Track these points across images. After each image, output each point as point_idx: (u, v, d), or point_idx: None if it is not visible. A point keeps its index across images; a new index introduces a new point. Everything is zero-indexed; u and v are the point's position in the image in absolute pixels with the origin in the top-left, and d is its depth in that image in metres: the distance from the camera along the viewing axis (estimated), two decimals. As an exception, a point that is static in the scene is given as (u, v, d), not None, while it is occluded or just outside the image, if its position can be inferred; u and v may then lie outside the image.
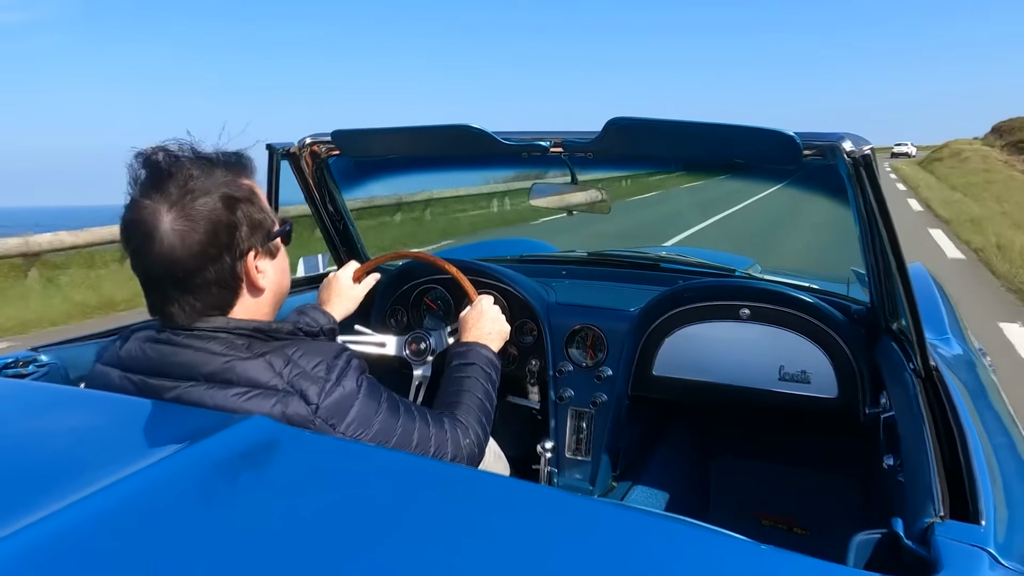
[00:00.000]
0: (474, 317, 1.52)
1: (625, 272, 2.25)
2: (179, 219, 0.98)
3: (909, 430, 1.16)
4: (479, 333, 1.48)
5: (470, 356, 1.39)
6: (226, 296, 1.05)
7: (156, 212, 0.98)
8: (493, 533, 0.66)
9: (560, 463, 1.89)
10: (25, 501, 0.64)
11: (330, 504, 0.69)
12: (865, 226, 1.34)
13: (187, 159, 1.02)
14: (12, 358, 1.29)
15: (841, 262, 2.02)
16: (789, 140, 1.24)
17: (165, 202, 0.98)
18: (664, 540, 0.67)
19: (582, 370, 1.90)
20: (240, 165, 1.08)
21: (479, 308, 1.55)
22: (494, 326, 1.52)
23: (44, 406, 0.93)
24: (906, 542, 0.77)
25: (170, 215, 0.98)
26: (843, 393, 1.69)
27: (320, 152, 1.82)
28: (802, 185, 1.81)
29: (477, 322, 1.51)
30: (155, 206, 0.98)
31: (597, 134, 1.42)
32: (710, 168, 2.26)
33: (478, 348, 1.42)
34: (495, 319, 1.53)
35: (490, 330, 1.49)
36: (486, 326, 1.50)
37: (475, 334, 1.47)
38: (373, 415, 1.06)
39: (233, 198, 1.03)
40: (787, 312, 1.74)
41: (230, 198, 1.02)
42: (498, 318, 1.54)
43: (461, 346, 1.43)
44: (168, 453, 0.73)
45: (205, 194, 1.00)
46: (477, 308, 1.55)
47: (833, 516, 1.89)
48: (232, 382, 0.99)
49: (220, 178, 1.03)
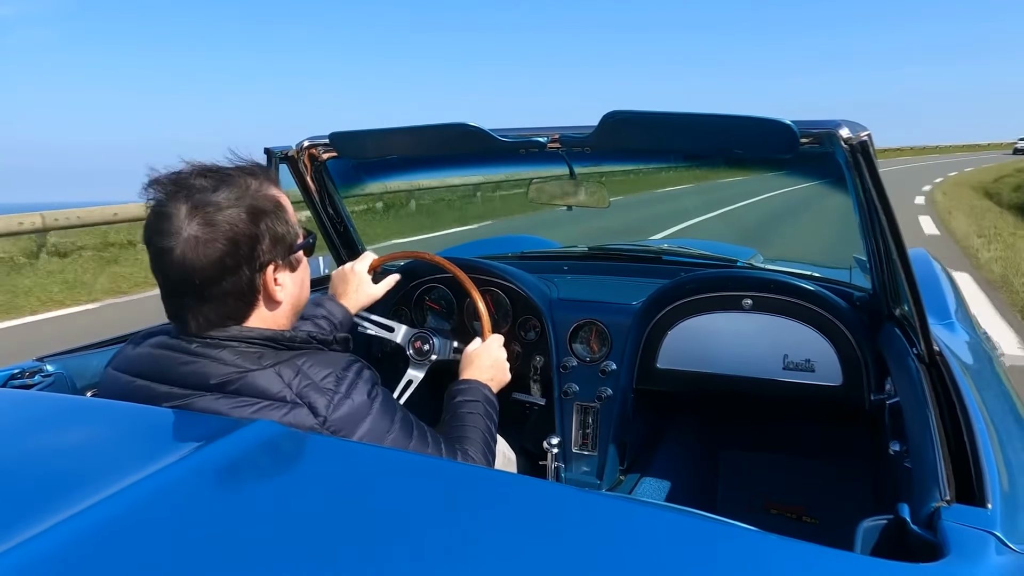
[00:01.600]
0: (481, 356, 1.51)
1: (627, 266, 2.25)
2: (201, 227, 0.98)
3: (914, 416, 1.16)
4: (482, 373, 1.46)
5: (474, 394, 1.38)
6: (242, 307, 1.04)
7: (179, 219, 0.98)
8: (503, 530, 0.66)
9: (567, 458, 1.89)
10: (34, 510, 0.64)
11: (339, 505, 0.69)
12: (865, 213, 1.33)
13: (215, 168, 1.03)
14: (18, 368, 1.30)
15: (842, 249, 2.01)
16: (786, 129, 1.24)
17: (189, 210, 0.98)
18: (673, 533, 0.67)
19: (586, 365, 1.90)
20: (268, 176, 1.07)
21: (488, 348, 1.53)
22: (497, 372, 1.51)
23: (51, 416, 0.94)
24: (912, 527, 0.77)
25: (193, 223, 0.98)
26: (848, 381, 1.69)
27: (318, 154, 1.82)
28: (801, 174, 1.81)
29: (483, 362, 1.49)
30: (179, 213, 0.98)
31: (594, 128, 1.42)
32: (708, 160, 2.26)
33: (481, 387, 1.40)
34: (500, 366, 1.52)
35: (492, 375, 1.48)
36: (489, 371, 1.48)
37: (478, 373, 1.46)
38: (385, 433, 1.05)
39: (258, 210, 1.02)
40: (790, 301, 1.74)
41: (255, 210, 1.02)
42: (503, 365, 1.53)
43: (464, 383, 1.41)
44: (174, 459, 0.73)
45: (230, 204, 1.00)
46: (487, 348, 1.53)
47: (842, 504, 1.89)
48: (241, 393, 0.98)
49: (247, 189, 1.02)
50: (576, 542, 0.64)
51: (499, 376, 1.51)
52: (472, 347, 1.54)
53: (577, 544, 0.64)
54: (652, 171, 7.60)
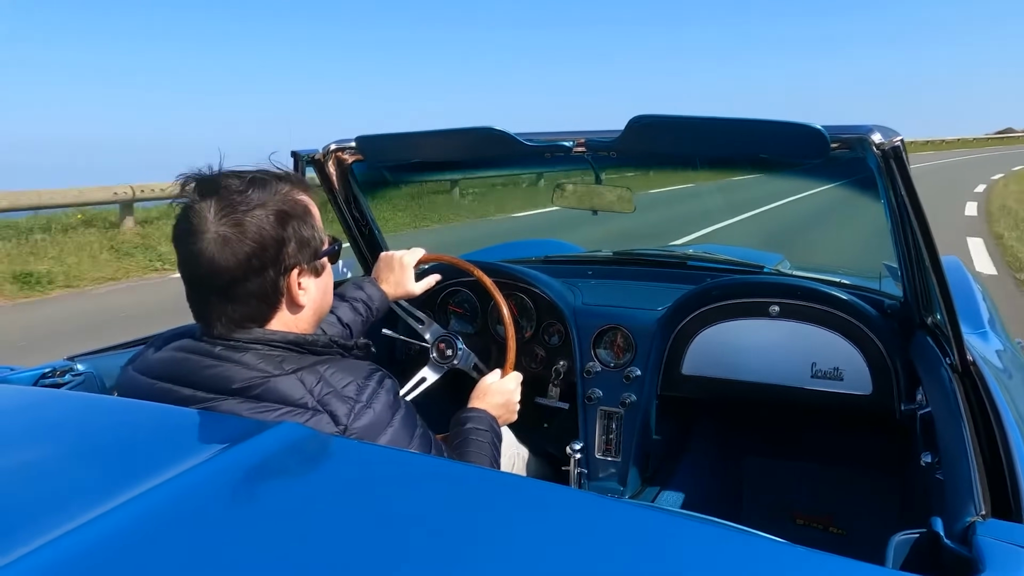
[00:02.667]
0: (496, 392, 1.51)
1: (652, 271, 2.24)
2: (230, 227, 0.99)
3: (947, 426, 1.14)
4: (494, 409, 1.46)
5: (484, 423, 1.38)
6: (265, 309, 1.05)
7: (207, 219, 0.99)
8: (526, 537, 0.65)
9: (590, 464, 1.88)
10: (64, 509, 0.65)
11: (363, 509, 0.69)
12: (896, 219, 1.31)
13: (245, 171, 1.04)
14: (49, 368, 1.31)
15: (872, 256, 1.98)
16: (816, 133, 1.23)
17: (218, 210, 0.99)
18: (698, 542, 0.66)
19: (610, 370, 1.89)
20: (298, 181, 1.08)
21: (505, 386, 1.53)
22: (506, 412, 1.51)
23: (80, 415, 0.95)
24: (946, 542, 0.75)
25: (221, 223, 0.99)
26: (877, 389, 1.66)
27: (344, 158, 1.83)
28: (830, 178, 1.79)
29: (496, 399, 1.49)
30: (207, 213, 0.99)
31: (620, 133, 1.41)
32: (736, 165, 2.24)
33: (490, 419, 1.40)
34: (511, 407, 1.52)
35: (501, 414, 1.48)
36: (500, 409, 1.48)
37: (490, 406, 1.46)
38: (405, 446, 1.05)
39: (286, 214, 1.03)
40: (818, 308, 1.71)
41: (283, 213, 1.02)
42: (514, 407, 1.53)
43: (475, 411, 1.41)
44: (202, 460, 0.74)
45: (259, 207, 1.00)
46: (503, 385, 1.53)
47: (870, 515, 1.86)
48: (263, 398, 0.98)
49: (276, 192, 1.03)
50: (599, 550, 0.64)
51: (506, 416, 1.51)
52: (491, 379, 1.54)
53: (600, 552, 0.63)
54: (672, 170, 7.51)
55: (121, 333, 1.74)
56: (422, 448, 1.08)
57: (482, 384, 1.52)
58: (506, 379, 1.55)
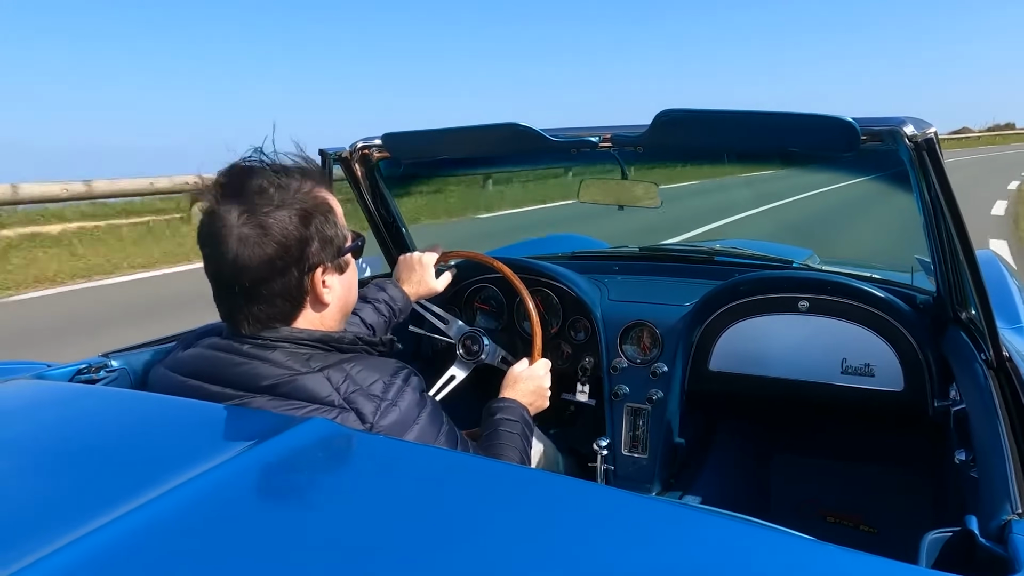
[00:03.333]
0: (526, 380, 1.50)
1: (679, 266, 2.22)
2: (252, 228, 0.99)
3: (982, 423, 1.12)
4: (524, 397, 1.46)
5: (514, 413, 1.37)
6: (290, 308, 1.05)
7: (231, 220, 0.99)
8: (555, 533, 0.65)
9: (616, 460, 1.87)
10: (99, 503, 0.66)
11: (393, 504, 0.70)
12: (929, 213, 1.29)
13: (267, 169, 1.04)
14: (85, 364, 1.34)
15: (904, 250, 1.95)
16: (847, 126, 1.21)
17: (241, 211, 1.00)
18: (727, 540, 0.65)
19: (637, 366, 1.88)
20: (320, 178, 1.08)
21: (534, 373, 1.53)
22: (538, 399, 1.50)
23: (115, 410, 0.96)
24: (981, 540, 0.74)
25: (244, 224, 0.99)
26: (910, 386, 1.64)
27: (370, 155, 1.84)
28: (860, 171, 1.76)
29: (527, 386, 1.49)
30: (231, 214, 1.00)
31: (646, 128, 1.40)
32: (764, 158, 2.22)
33: (521, 409, 1.40)
34: (542, 392, 1.52)
35: (532, 401, 1.48)
36: (530, 396, 1.48)
37: (520, 395, 1.46)
38: (431, 443, 1.05)
39: (308, 212, 1.03)
40: (848, 303, 1.69)
41: (305, 212, 1.03)
42: (545, 393, 1.53)
43: (505, 401, 1.41)
44: (234, 455, 0.75)
45: (281, 206, 1.01)
46: (533, 372, 1.53)
47: (902, 513, 1.83)
48: (290, 396, 0.99)
49: (298, 191, 1.03)
50: (627, 546, 0.63)
51: (538, 403, 1.51)
52: (519, 368, 1.54)
53: (628, 548, 0.63)
54: (699, 164, 7.45)
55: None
56: (448, 445, 1.08)
57: (512, 373, 1.53)
58: (535, 366, 1.56)
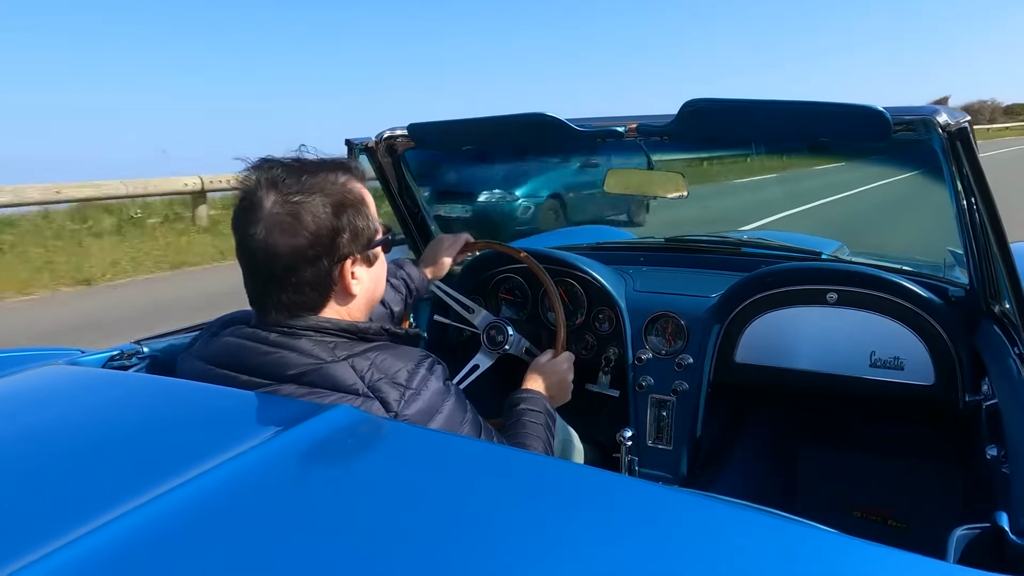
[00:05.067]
0: (549, 372, 1.51)
1: (704, 257, 2.21)
2: (286, 217, 1.01)
3: (1015, 418, 1.10)
4: (546, 389, 1.46)
5: (538, 404, 1.38)
6: (317, 298, 1.06)
7: (264, 208, 1.01)
8: (578, 523, 0.66)
9: (641, 452, 1.87)
10: (133, 486, 0.68)
11: (419, 491, 0.70)
12: (963, 204, 1.27)
13: (301, 161, 1.06)
14: (117, 351, 1.37)
15: (936, 242, 1.92)
16: (879, 115, 1.19)
17: (275, 200, 1.01)
18: (753, 533, 0.65)
19: (661, 358, 1.87)
20: (355, 171, 1.10)
21: (557, 366, 1.53)
22: (560, 391, 1.51)
23: (146, 396, 0.98)
24: (1012, 537, 0.73)
25: (278, 212, 1.01)
26: (940, 380, 1.61)
27: (396, 145, 1.85)
28: (891, 162, 1.73)
29: (551, 379, 1.49)
30: (266, 202, 1.01)
31: (672, 117, 1.39)
32: (794, 149, 2.19)
33: (544, 400, 1.40)
34: (564, 386, 1.52)
35: (555, 393, 1.48)
36: (553, 388, 1.48)
37: (543, 386, 1.46)
38: (455, 431, 1.06)
39: (341, 204, 1.04)
40: (878, 296, 1.67)
41: (338, 203, 1.04)
42: (567, 386, 1.53)
43: (528, 392, 1.41)
44: (261, 440, 0.76)
45: (314, 196, 1.02)
46: (556, 365, 1.53)
47: (931, 509, 1.81)
48: (316, 384, 1.00)
49: (333, 182, 1.05)
50: (652, 538, 0.63)
51: (560, 396, 1.51)
52: (543, 359, 1.55)
53: (653, 540, 0.63)
54: (731, 161, 7.39)
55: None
56: (472, 434, 1.09)
57: (535, 365, 1.53)
58: (559, 359, 1.56)
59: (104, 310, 5.98)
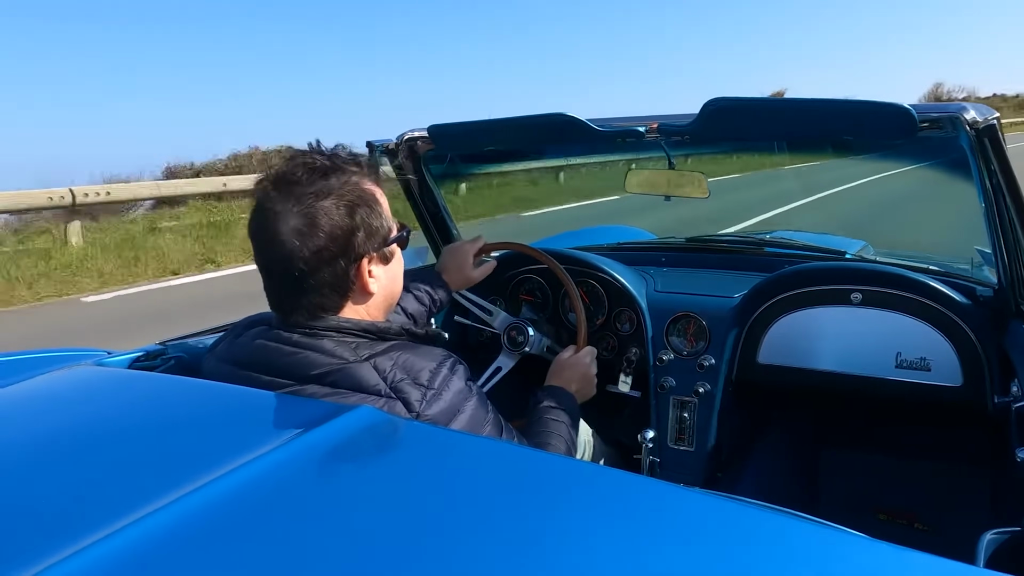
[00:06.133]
0: (572, 368, 1.51)
1: (726, 258, 2.19)
2: (300, 219, 1.01)
3: None
4: (571, 385, 1.46)
5: (561, 402, 1.38)
6: (336, 298, 1.07)
7: (279, 211, 1.02)
8: (600, 524, 0.65)
9: (662, 453, 1.86)
10: (158, 485, 0.68)
11: (436, 492, 0.70)
12: (991, 202, 1.25)
13: (316, 161, 1.06)
14: (143, 352, 1.38)
15: (963, 241, 1.89)
16: (904, 113, 1.18)
17: (290, 203, 1.02)
18: (777, 534, 0.64)
19: (683, 359, 1.86)
20: (367, 169, 1.10)
21: (580, 361, 1.53)
22: (584, 386, 1.51)
23: (171, 397, 0.99)
24: None
25: (293, 215, 1.01)
26: (968, 381, 1.59)
27: (417, 147, 1.86)
28: (916, 159, 1.71)
29: (574, 374, 1.49)
30: (280, 205, 1.02)
31: (694, 117, 1.39)
32: (818, 147, 2.17)
33: (568, 397, 1.40)
34: (589, 380, 1.52)
35: (579, 388, 1.48)
36: (577, 384, 1.48)
37: (567, 383, 1.46)
38: (477, 432, 1.06)
39: (354, 203, 1.05)
40: (903, 295, 1.64)
41: (351, 203, 1.05)
42: (591, 380, 1.53)
43: (552, 390, 1.42)
44: (284, 441, 0.77)
45: (328, 197, 1.03)
46: (579, 360, 1.53)
47: (957, 512, 1.78)
48: (338, 385, 1.01)
49: (345, 183, 1.05)
50: (674, 540, 0.63)
51: (585, 390, 1.51)
52: (565, 355, 1.55)
53: (676, 542, 0.63)
54: (748, 153, 7.35)
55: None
56: (494, 434, 1.09)
57: (558, 361, 1.53)
58: (581, 353, 1.56)
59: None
